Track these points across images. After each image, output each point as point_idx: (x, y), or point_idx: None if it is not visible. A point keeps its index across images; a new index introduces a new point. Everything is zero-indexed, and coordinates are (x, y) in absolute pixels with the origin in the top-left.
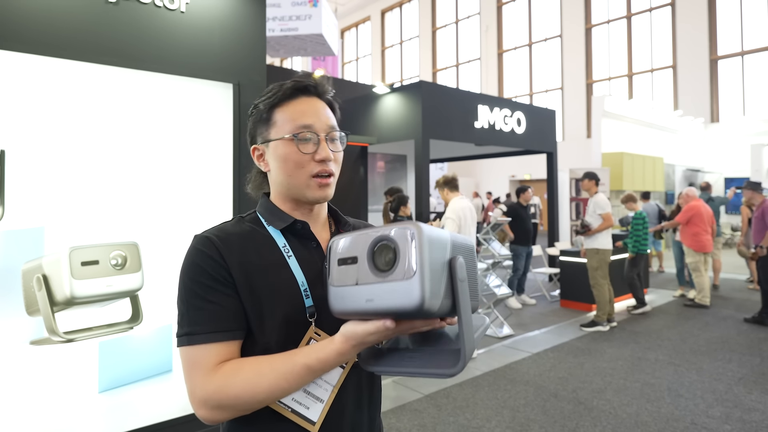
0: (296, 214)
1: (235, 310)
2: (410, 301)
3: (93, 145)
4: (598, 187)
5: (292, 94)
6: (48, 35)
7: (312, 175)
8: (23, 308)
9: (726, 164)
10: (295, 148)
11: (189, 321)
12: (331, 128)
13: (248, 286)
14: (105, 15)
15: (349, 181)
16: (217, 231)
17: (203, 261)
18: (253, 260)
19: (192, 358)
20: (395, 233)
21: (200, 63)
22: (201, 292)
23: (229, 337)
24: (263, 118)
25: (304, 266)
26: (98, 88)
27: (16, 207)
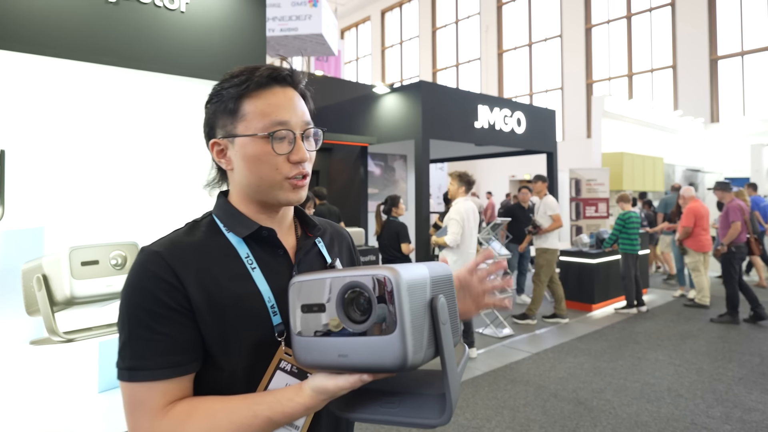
0: (261, 219)
1: (190, 341)
2: (392, 358)
3: (93, 145)
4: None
5: (266, 83)
6: (48, 35)
7: (286, 178)
8: (23, 308)
9: (726, 164)
10: (269, 148)
11: (132, 353)
12: (307, 124)
13: (208, 308)
14: (105, 15)
15: (349, 181)
16: (168, 244)
17: (153, 284)
18: (212, 276)
19: (134, 396)
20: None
21: (200, 63)
22: (149, 322)
23: (180, 372)
24: (228, 108)
25: (271, 278)
26: (98, 88)
27: (16, 207)
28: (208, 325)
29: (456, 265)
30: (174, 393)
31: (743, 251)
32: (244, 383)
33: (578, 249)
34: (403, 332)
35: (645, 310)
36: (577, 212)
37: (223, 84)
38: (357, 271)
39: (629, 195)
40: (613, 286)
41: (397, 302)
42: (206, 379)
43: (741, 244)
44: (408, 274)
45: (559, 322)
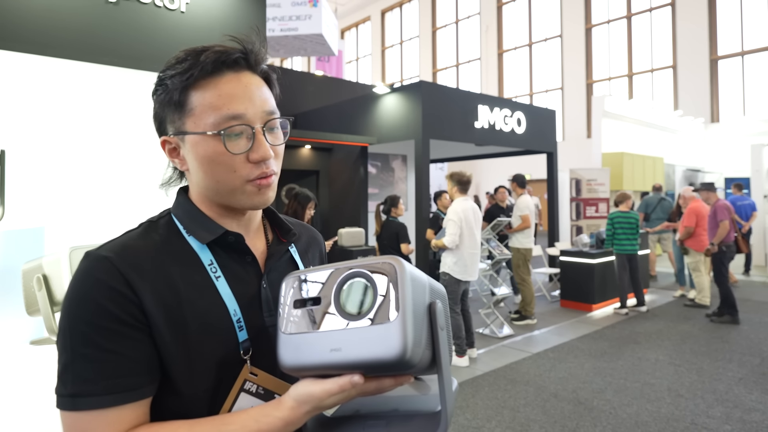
0: (225, 221)
1: (145, 359)
2: (390, 349)
3: (93, 145)
4: (524, 189)
5: (214, 68)
6: (48, 35)
7: (247, 180)
8: (23, 308)
9: (726, 164)
10: (222, 147)
11: (74, 376)
12: (269, 114)
13: (166, 322)
14: (105, 15)
15: (349, 182)
16: (119, 248)
17: (101, 295)
18: (171, 285)
19: (79, 428)
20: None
21: None
22: (95, 338)
23: (134, 397)
24: (174, 101)
25: (237, 288)
26: (98, 88)
27: (16, 207)
28: (166, 342)
29: (456, 267)
30: (127, 421)
31: (732, 250)
32: (206, 407)
33: (578, 249)
34: (403, 319)
35: (644, 310)
36: (577, 212)
37: (167, 71)
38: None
39: (627, 194)
40: (612, 287)
41: (400, 288)
42: (163, 403)
43: (730, 243)
44: (412, 268)
45: (529, 323)
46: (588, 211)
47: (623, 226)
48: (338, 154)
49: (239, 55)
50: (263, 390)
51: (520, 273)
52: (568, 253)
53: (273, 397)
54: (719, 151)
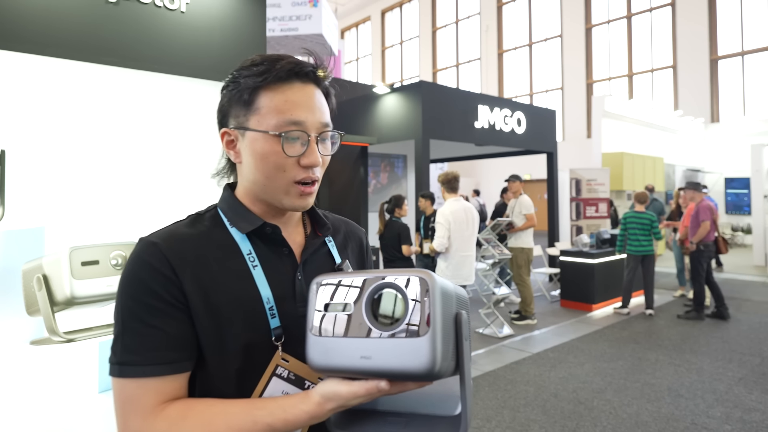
0: (266, 215)
1: (184, 337)
2: (420, 362)
3: (93, 145)
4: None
5: (287, 77)
6: (48, 35)
7: (294, 181)
8: (23, 308)
9: (726, 164)
10: (279, 147)
11: (123, 347)
12: (324, 126)
13: (204, 304)
14: (105, 15)
15: (349, 182)
16: (167, 235)
17: (148, 275)
18: (210, 272)
19: (125, 393)
20: (403, 280)
21: (200, 63)
22: (142, 314)
23: (173, 370)
24: (243, 99)
25: (273, 278)
26: (98, 88)
27: (16, 207)
28: (203, 323)
29: (447, 270)
30: (167, 392)
31: (711, 249)
32: (235, 386)
33: (578, 249)
34: (434, 336)
35: (649, 314)
36: (577, 212)
37: (242, 71)
38: (389, 272)
39: (645, 194)
40: (613, 287)
41: (431, 305)
42: (197, 379)
43: (709, 242)
44: (442, 281)
45: (529, 323)
46: (588, 211)
47: (635, 226)
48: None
49: (310, 69)
50: (294, 376)
51: (521, 273)
52: (568, 253)
53: (303, 383)
54: (719, 151)
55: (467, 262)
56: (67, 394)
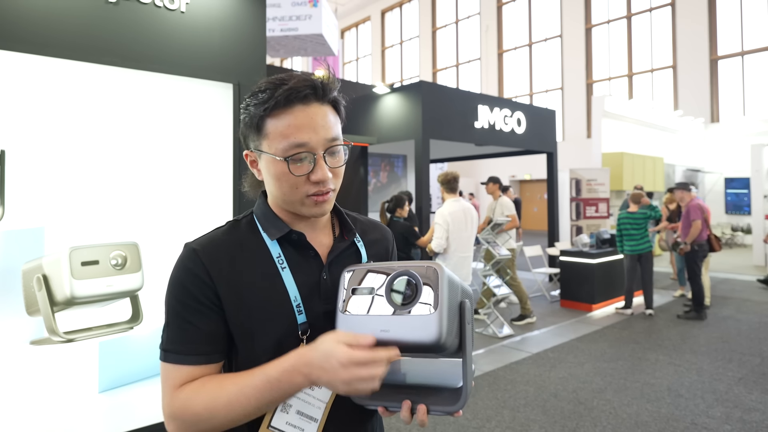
0: (294, 222)
1: (215, 334)
2: (429, 334)
3: (93, 145)
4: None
5: (286, 102)
6: (48, 35)
7: (307, 195)
8: (23, 308)
9: (726, 164)
10: (287, 170)
11: (167, 337)
12: (331, 141)
13: (237, 303)
14: (105, 15)
15: (349, 182)
16: (206, 242)
17: (187, 280)
18: (243, 274)
19: (165, 374)
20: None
21: (200, 63)
22: (182, 312)
23: (203, 360)
24: (254, 125)
25: (300, 278)
26: (98, 88)
27: (16, 207)
28: (236, 320)
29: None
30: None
31: (705, 249)
32: None
33: (578, 249)
34: (441, 313)
35: (649, 314)
36: (577, 212)
37: (251, 98)
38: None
39: (640, 194)
40: (613, 287)
41: (440, 288)
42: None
43: (702, 242)
44: (449, 272)
45: (530, 322)
46: (588, 211)
47: (629, 226)
48: None
49: (308, 91)
50: None
51: (511, 273)
52: (568, 253)
53: None
54: (719, 151)
55: (465, 263)
56: (67, 394)
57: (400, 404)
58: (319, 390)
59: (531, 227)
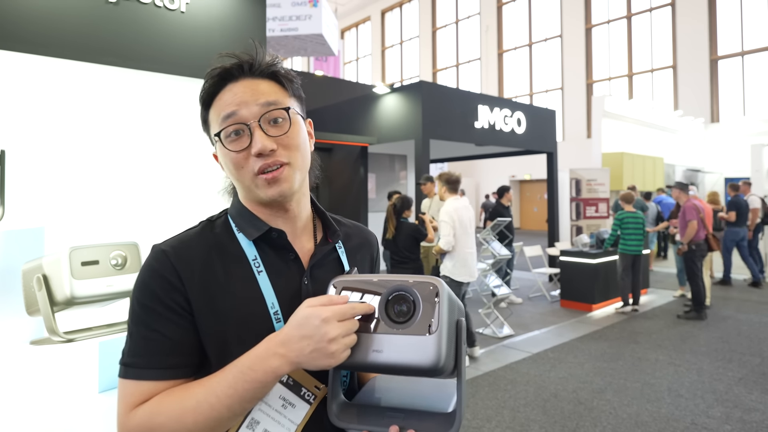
0: (272, 219)
1: (185, 344)
2: (427, 358)
3: (93, 145)
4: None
5: (217, 87)
6: (48, 35)
7: (255, 173)
8: (23, 308)
9: (726, 164)
10: (225, 148)
11: (129, 349)
12: (265, 107)
13: (210, 310)
14: (105, 15)
15: (349, 182)
16: (177, 243)
17: (155, 281)
18: (217, 278)
19: (122, 390)
20: (417, 286)
21: (200, 63)
22: (146, 318)
23: (170, 375)
24: (203, 122)
25: (278, 283)
26: (98, 88)
27: (16, 207)
28: (209, 329)
29: (455, 269)
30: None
31: (703, 248)
32: None
33: (578, 249)
34: (440, 334)
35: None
36: (577, 212)
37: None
38: (403, 277)
39: (632, 194)
40: (613, 287)
41: (441, 307)
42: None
43: (700, 241)
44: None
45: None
46: (588, 211)
47: (630, 226)
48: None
49: (233, 68)
50: (293, 381)
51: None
52: (568, 253)
53: (300, 389)
54: (719, 151)
55: (471, 259)
56: (67, 394)
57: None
58: (292, 409)
59: (531, 227)
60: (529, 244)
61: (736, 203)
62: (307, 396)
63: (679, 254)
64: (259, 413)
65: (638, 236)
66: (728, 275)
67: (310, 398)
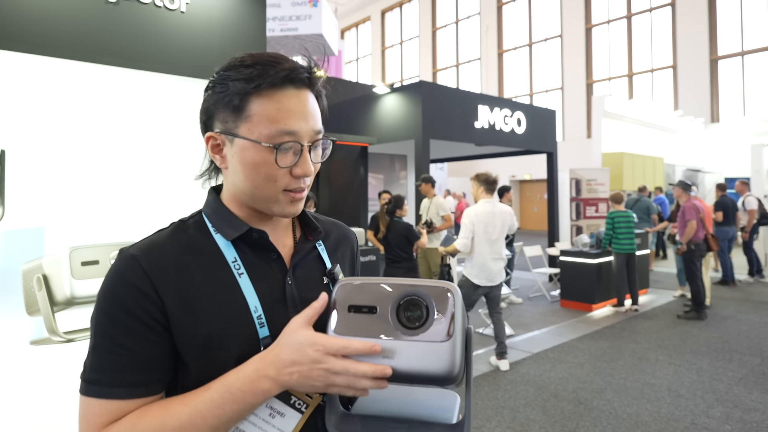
0: (252, 220)
1: (156, 359)
2: (441, 366)
3: (93, 145)
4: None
5: (282, 83)
6: (48, 35)
7: (284, 190)
8: (23, 308)
9: (726, 164)
10: (272, 159)
11: (92, 365)
12: (317, 134)
13: (188, 319)
14: (105, 15)
15: (348, 182)
16: (148, 246)
17: (124, 290)
18: (194, 282)
19: (86, 409)
20: (430, 289)
21: (200, 63)
22: (112, 331)
23: (138, 393)
24: (232, 104)
25: (260, 285)
26: (98, 88)
27: (16, 207)
28: (187, 336)
29: (472, 270)
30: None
31: (702, 248)
32: None
33: (578, 249)
34: (455, 341)
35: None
36: (577, 212)
37: (230, 72)
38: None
39: (620, 194)
40: (613, 287)
41: (455, 313)
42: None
43: (699, 241)
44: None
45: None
46: (588, 211)
47: (622, 224)
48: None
49: (306, 75)
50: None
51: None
52: (568, 253)
53: (290, 398)
54: (719, 151)
55: (494, 264)
56: (67, 394)
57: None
58: (281, 418)
59: (531, 227)
60: (529, 244)
61: (723, 203)
62: (298, 405)
63: (678, 254)
64: (246, 423)
65: (630, 234)
66: (730, 275)
67: (301, 407)
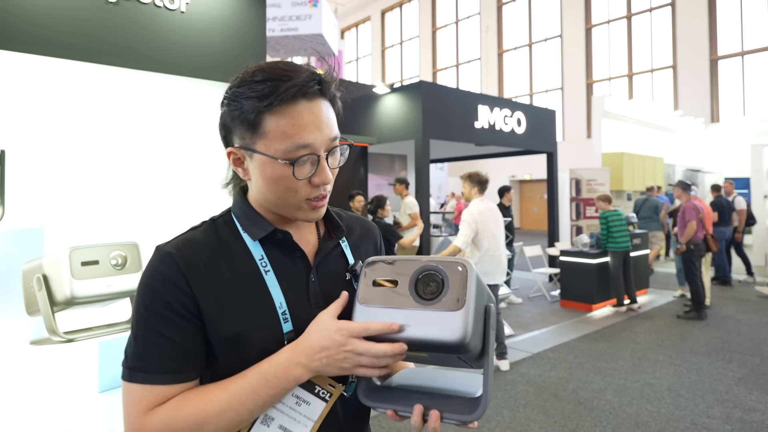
0: (278, 223)
1: (192, 347)
2: (453, 332)
3: (93, 145)
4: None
5: (292, 99)
6: (48, 35)
7: (306, 199)
8: (23, 308)
9: (726, 164)
10: (290, 172)
11: (134, 353)
12: (333, 140)
13: (217, 312)
14: (105, 15)
15: (348, 182)
16: (182, 244)
17: (161, 285)
18: (224, 279)
19: (131, 394)
20: (446, 264)
21: (200, 63)
22: (153, 323)
23: (179, 379)
24: (247, 120)
25: (285, 282)
26: (98, 88)
27: (16, 207)
28: (216, 331)
29: (488, 277)
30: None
31: (702, 248)
32: None
33: (578, 249)
34: (467, 311)
35: (637, 308)
36: (577, 212)
37: (243, 89)
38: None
39: (608, 195)
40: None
41: (468, 286)
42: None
43: (699, 241)
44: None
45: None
46: (588, 211)
47: (616, 222)
48: None
49: (316, 86)
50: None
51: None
52: (568, 253)
53: (314, 387)
54: (719, 151)
55: (498, 262)
56: (67, 394)
57: (411, 408)
58: (306, 406)
59: (531, 227)
60: (529, 244)
61: (718, 204)
62: (322, 394)
63: (678, 254)
64: (273, 410)
65: (624, 231)
66: (728, 275)
67: (326, 396)
